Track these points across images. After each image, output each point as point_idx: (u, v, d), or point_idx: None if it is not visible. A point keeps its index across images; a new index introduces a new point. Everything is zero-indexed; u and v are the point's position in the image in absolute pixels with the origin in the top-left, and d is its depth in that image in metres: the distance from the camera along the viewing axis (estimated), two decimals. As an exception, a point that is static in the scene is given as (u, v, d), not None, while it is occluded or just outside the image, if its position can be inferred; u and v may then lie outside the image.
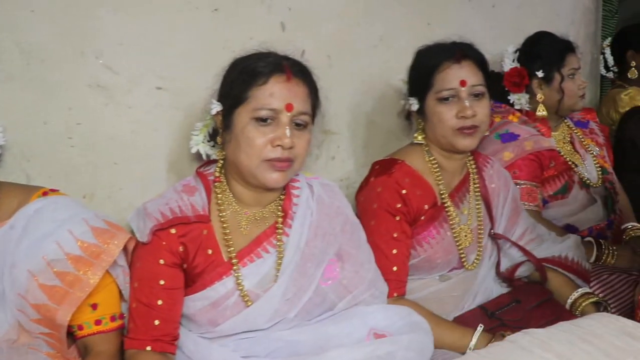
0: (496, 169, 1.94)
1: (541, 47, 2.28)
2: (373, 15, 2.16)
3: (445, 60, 1.75)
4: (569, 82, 2.26)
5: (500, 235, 1.87)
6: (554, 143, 2.25)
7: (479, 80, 1.74)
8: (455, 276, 1.80)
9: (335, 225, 1.58)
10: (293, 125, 1.45)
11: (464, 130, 1.72)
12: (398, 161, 1.79)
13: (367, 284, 1.59)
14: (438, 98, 1.74)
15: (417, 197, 1.74)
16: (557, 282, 1.88)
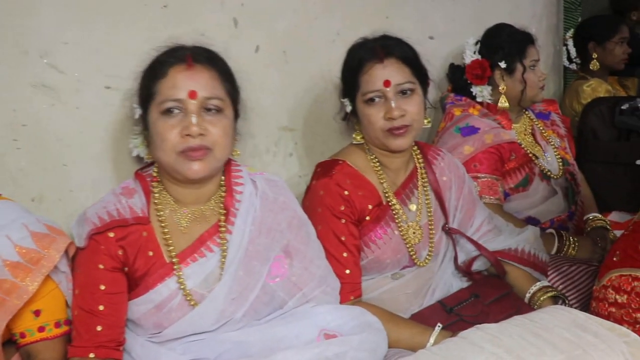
0: (447, 161, 1.91)
1: (502, 39, 2.27)
2: (330, 9, 2.13)
3: (368, 61, 1.71)
4: (530, 73, 2.25)
5: (455, 229, 1.85)
6: (514, 135, 2.24)
7: (406, 78, 1.71)
8: (409, 273, 1.78)
9: (280, 221, 1.56)
10: (204, 112, 1.42)
11: (393, 131, 1.69)
12: (339, 162, 1.77)
13: (317, 281, 1.57)
14: (365, 100, 1.71)
15: (360, 197, 1.71)
16: (516, 275, 1.87)
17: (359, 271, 1.71)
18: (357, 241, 1.71)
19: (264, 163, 2.05)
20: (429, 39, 2.40)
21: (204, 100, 1.41)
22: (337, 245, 1.67)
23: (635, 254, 1.42)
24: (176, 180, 1.47)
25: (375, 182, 1.76)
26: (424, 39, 2.38)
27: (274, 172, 2.06)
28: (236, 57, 1.95)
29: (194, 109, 1.40)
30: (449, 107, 2.30)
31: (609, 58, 3.13)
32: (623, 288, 1.42)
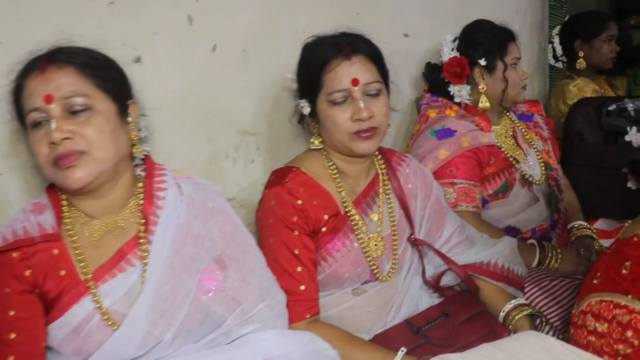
0: (413, 167, 1.78)
1: (482, 35, 2.13)
2: (295, 5, 1.99)
3: (334, 58, 1.58)
4: (511, 71, 2.11)
5: (421, 240, 1.71)
6: (493, 138, 2.10)
7: (374, 77, 1.58)
8: (371, 289, 1.64)
9: (210, 228, 1.41)
10: (69, 114, 1.27)
11: (361, 133, 1.56)
12: (293, 169, 1.64)
13: (259, 293, 1.43)
14: (329, 100, 1.58)
15: (315, 207, 1.58)
16: (489, 292, 1.74)
17: (316, 287, 1.57)
18: (313, 254, 1.57)
19: (223, 169, 1.91)
20: (404, 36, 2.27)
21: (64, 101, 1.27)
22: (290, 259, 1.54)
23: (617, 277, 1.28)
24: (75, 191, 1.32)
25: (332, 191, 1.63)
26: (399, 36, 2.25)
27: (235, 179, 1.95)
28: (192, 56, 1.84)
29: (55, 113, 1.26)
30: (424, 109, 2.16)
31: (595, 57, 2.99)
32: (603, 315, 1.28)
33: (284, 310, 1.49)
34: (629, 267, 1.27)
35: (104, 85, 1.32)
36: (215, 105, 1.88)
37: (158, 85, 1.77)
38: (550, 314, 1.78)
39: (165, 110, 1.78)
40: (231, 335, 1.39)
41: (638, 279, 1.24)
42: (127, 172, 1.39)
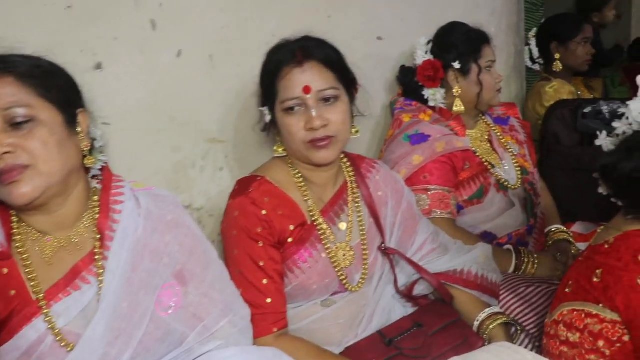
0: (383, 174, 1.73)
1: (456, 37, 2.09)
2: (264, 8, 1.94)
3: (286, 65, 1.53)
4: (486, 74, 2.07)
5: (392, 249, 1.67)
6: (468, 143, 2.06)
7: (328, 83, 1.53)
8: (341, 300, 1.59)
9: (169, 242, 1.35)
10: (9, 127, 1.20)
11: (316, 143, 1.52)
12: (257, 178, 1.59)
13: (221, 309, 1.37)
14: (283, 109, 1.53)
15: (280, 217, 1.53)
16: (463, 300, 1.69)
17: (283, 299, 1.52)
18: (279, 266, 1.52)
19: (190, 179, 1.86)
20: (378, 39, 2.23)
21: (3, 113, 1.20)
22: (255, 271, 1.49)
23: (589, 286, 1.24)
24: (21, 208, 1.26)
25: (298, 200, 1.58)
26: (372, 39, 2.21)
27: (202, 188, 1.89)
28: (155, 62, 1.78)
29: None
30: (397, 113, 2.12)
31: (571, 59, 2.98)
32: (575, 325, 1.24)
33: (248, 326, 1.43)
34: (599, 276, 1.23)
35: (48, 94, 1.25)
36: (181, 112, 1.82)
37: (120, 92, 1.72)
38: (527, 321, 1.74)
39: (127, 117, 1.73)
40: (193, 353, 1.33)
41: (609, 287, 1.20)
42: (79, 185, 1.32)
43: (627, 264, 1.19)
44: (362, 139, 2.23)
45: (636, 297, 1.15)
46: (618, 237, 1.27)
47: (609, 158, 1.30)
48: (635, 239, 1.24)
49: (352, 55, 2.15)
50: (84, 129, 1.32)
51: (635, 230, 1.26)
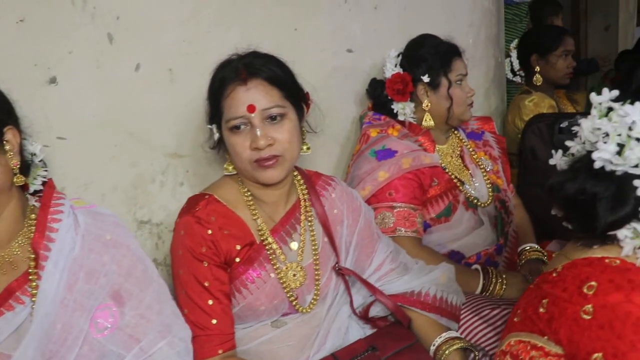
0: (339, 191, 1.69)
1: (425, 50, 2.04)
2: (227, 21, 1.91)
3: (230, 83, 1.50)
4: (456, 88, 2.02)
5: (346, 269, 1.62)
6: (437, 159, 2.01)
7: (273, 101, 1.49)
8: (292, 321, 1.55)
9: (106, 262, 1.31)
10: None
11: (261, 162, 1.48)
12: (205, 196, 1.55)
13: (159, 331, 1.34)
14: (228, 127, 1.50)
15: (226, 237, 1.50)
16: (420, 323, 1.65)
17: (230, 320, 1.48)
18: (225, 286, 1.49)
19: (150, 194, 1.82)
20: (347, 51, 2.18)
21: None
22: (200, 292, 1.46)
23: (535, 316, 1.18)
24: None
25: (247, 219, 1.55)
26: (342, 52, 2.17)
27: (162, 204, 1.85)
28: (112, 76, 1.74)
29: None
30: (365, 128, 2.07)
31: (551, 72, 2.93)
32: (521, 357, 1.18)
33: (188, 348, 1.39)
34: (545, 306, 1.17)
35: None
36: (140, 127, 1.79)
37: (76, 107, 1.68)
38: (489, 345, 1.69)
39: (84, 132, 1.70)
40: (129, 375, 1.29)
41: (554, 319, 1.14)
42: (11, 204, 1.29)
43: (572, 295, 1.13)
44: (332, 153, 2.19)
45: (579, 331, 1.09)
46: (566, 265, 1.20)
47: (557, 178, 1.24)
48: (582, 268, 1.17)
49: (321, 68, 2.15)
50: (13, 147, 1.29)
51: (583, 258, 1.20)
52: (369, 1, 2.22)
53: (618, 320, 1.05)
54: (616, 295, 1.06)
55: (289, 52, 2.02)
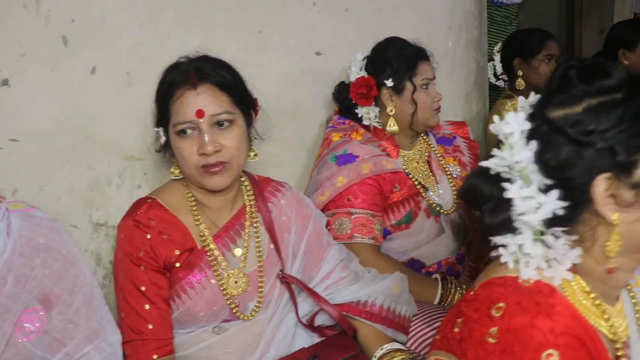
0: (289, 198, 1.68)
1: (390, 54, 2.00)
2: (187, 23, 1.90)
3: (179, 87, 1.49)
4: (421, 93, 1.98)
5: (290, 277, 1.60)
6: (400, 164, 1.98)
7: (223, 107, 1.49)
8: (233, 327, 1.54)
9: (36, 266, 1.30)
10: None
11: (208, 168, 1.47)
12: (148, 200, 1.56)
13: (85, 336, 1.33)
14: (176, 132, 1.49)
15: (166, 242, 1.49)
16: (365, 334, 1.63)
17: (168, 325, 1.48)
18: (163, 291, 1.49)
19: (106, 196, 1.82)
20: (316, 54, 2.16)
21: None
22: (137, 296, 1.46)
23: (450, 335, 1.11)
24: None
25: (189, 224, 1.54)
26: (310, 54, 2.14)
27: (119, 206, 1.84)
28: (67, 79, 1.74)
29: None
30: (327, 132, 2.05)
31: (534, 77, 2.86)
32: (437, 377, 1.15)
33: (117, 353, 1.39)
34: (459, 325, 1.10)
35: None
36: (96, 130, 1.79)
37: (30, 109, 1.69)
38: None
39: (38, 135, 1.71)
40: (55, 379, 1.30)
41: (464, 339, 1.07)
42: None
43: (481, 317, 1.05)
44: (300, 158, 2.17)
45: (484, 355, 1.02)
46: (483, 283, 1.12)
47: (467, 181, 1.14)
48: (495, 288, 1.08)
49: (288, 71, 2.13)
50: None
51: (499, 277, 1.10)
52: (340, 3, 2.19)
53: (519, 344, 0.97)
54: (521, 319, 0.99)
55: (254, 55, 2.04)
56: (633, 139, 0.98)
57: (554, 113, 1.03)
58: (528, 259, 1.03)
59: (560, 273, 1.04)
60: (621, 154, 0.97)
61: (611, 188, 0.98)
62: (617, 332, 1.07)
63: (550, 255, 1.03)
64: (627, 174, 0.98)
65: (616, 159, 0.97)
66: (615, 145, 0.97)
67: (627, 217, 1.00)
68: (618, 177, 0.98)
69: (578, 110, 1.01)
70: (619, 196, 0.99)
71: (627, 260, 1.05)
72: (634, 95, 1.00)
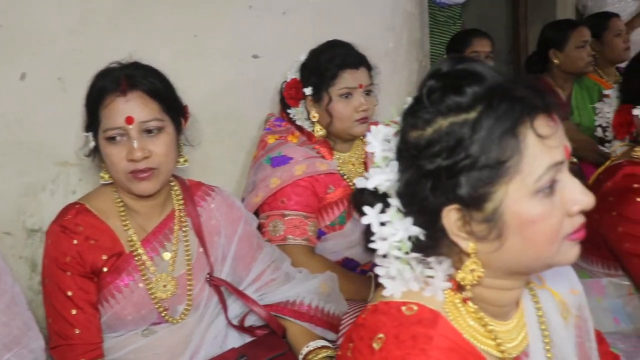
0: (219, 202, 1.70)
1: (315, 62, 2.01)
2: (119, 28, 1.92)
3: (109, 93, 1.50)
4: (339, 103, 1.96)
5: (218, 280, 1.63)
6: (334, 166, 2.01)
7: (152, 114, 1.51)
8: (162, 330, 1.57)
9: None
10: None
11: (137, 174, 1.49)
12: (76, 205, 1.57)
13: (5, 343, 1.36)
14: (105, 137, 1.51)
15: (93, 247, 1.51)
16: (293, 332, 1.67)
17: (96, 330, 1.51)
18: (91, 296, 1.51)
19: (40, 202, 1.84)
20: (253, 57, 2.18)
21: None
22: (63, 301, 1.48)
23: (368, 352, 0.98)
24: None
25: (117, 229, 1.56)
26: (247, 57, 2.16)
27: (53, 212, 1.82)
28: (-3, 85, 1.76)
29: None
30: (263, 135, 2.07)
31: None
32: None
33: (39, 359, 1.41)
34: (351, 350, 0.99)
35: None
36: (29, 136, 1.81)
37: (-43, 117, 1.70)
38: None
39: (-33, 141, 1.71)
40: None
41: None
42: None
43: (364, 347, 0.95)
44: (238, 160, 2.19)
45: None
46: (372, 308, 1.00)
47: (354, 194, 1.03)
48: (379, 316, 0.97)
49: (224, 75, 2.15)
50: None
51: (385, 303, 0.98)
52: (277, 6, 2.21)
53: None
54: (395, 354, 0.91)
55: (188, 59, 2.06)
56: (479, 171, 0.86)
57: (410, 134, 0.91)
58: (402, 282, 0.96)
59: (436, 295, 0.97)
60: (465, 187, 0.86)
61: (463, 219, 0.89)
62: (505, 350, 1.00)
63: (429, 281, 0.96)
64: (476, 207, 0.88)
65: (460, 192, 0.87)
66: (461, 177, 0.86)
67: (485, 247, 0.91)
68: (467, 210, 0.88)
69: (428, 132, 0.88)
70: (471, 227, 0.89)
71: (508, 282, 0.98)
72: (485, 117, 0.86)
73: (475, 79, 0.88)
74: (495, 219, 0.88)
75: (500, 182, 0.86)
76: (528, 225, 0.88)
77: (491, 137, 0.85)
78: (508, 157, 0.85)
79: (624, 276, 1.67)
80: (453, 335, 0.96)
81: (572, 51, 3.20)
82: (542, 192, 0.87)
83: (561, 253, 0.93)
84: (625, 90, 1.80)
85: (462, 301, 0.98)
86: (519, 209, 0.87)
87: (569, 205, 0.89)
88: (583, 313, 1.21)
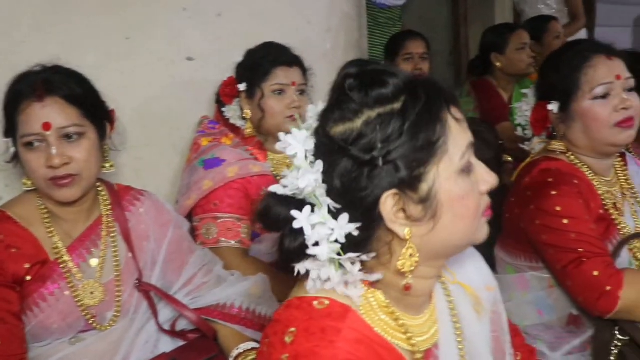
0: (148, 206, 1.68)
1: (250, 60, 2.05)
2: (43, 30, 1.88)
3: (25, 98, 1.47)
4: (271, 99, 2.00)
5: (146, 285, 1.62)
6: (268, 167, 2.01)
7: (70, 120, 1.48)
8: (91, 337, 1.54)
9: None
10: None
11: (57, 181, 1.47)
12: None
13: None
14: (23, 144, 1.48)
15: (14, 255, 1.47)
16: (224, 335, 1.67)
17: (18, 341, 1.46)
18: (13, 306, 1.46)
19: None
20: (187, 60, 2.16)
21: None
22: None
23: (261, 354, 1.03)
24: None
25: (41, 236, 1.53)
26: (180, 60, 2.15)
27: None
28: None
29: None
30: (196, 137, 2.06)
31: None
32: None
33: None
34: (266, 345, 1.00)
35: None
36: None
37: None
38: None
39: None
40: None
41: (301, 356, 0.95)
42: None
43: (277, 341, 0.97)
44: (172, 163, 2.17)
45: None
46: (285, 304, 1.04)
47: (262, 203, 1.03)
48: (292, 311, 1.01)
49: (157, 77, 2.13)
50: None
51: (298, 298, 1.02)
52: (211, 8, 2.21)
53: None
54: (305, 346, 0.94)
55: (119, 61, 2.03)
56: (414, 153, 0.94)
57: (335, 129, 0.96)
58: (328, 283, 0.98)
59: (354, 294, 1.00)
60: (403, 170, 0.93)
61: (399, 204, 0.95)
62: (415, 344, 1.04)
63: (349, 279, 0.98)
64: (413, 189, 0.95)
65: (398, 175, 0.93)
66: (397, 161, 0.93)
67: (419, 230, 0.97)
68: (404, 193, 0.95)
69: (357, 124, 0.95)
70: (408, 211, 0.95)
71: (428, 269, 1.03)
72: (411, 105, 0.94)
73: (390, 75, 0.97)
74: (430, 198, 0.96)
75: (432, 162, 0.95)
76: (458, 201, 0.97)
77: (421, 121, 0.94)
78: (437, 138, 0.95)
79: (544, 269, 1.72)
80: (363, 328, 1.00)
81: (513, 54, 3.31)
82: (465, 171, 0.98)
83: (479, 229, 1.03)
84: (541, 86, 1.86)
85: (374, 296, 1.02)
86: (450, 186, 0.97)
87: (480, 184, 1.01)
88: (498, 308, 1.25)
